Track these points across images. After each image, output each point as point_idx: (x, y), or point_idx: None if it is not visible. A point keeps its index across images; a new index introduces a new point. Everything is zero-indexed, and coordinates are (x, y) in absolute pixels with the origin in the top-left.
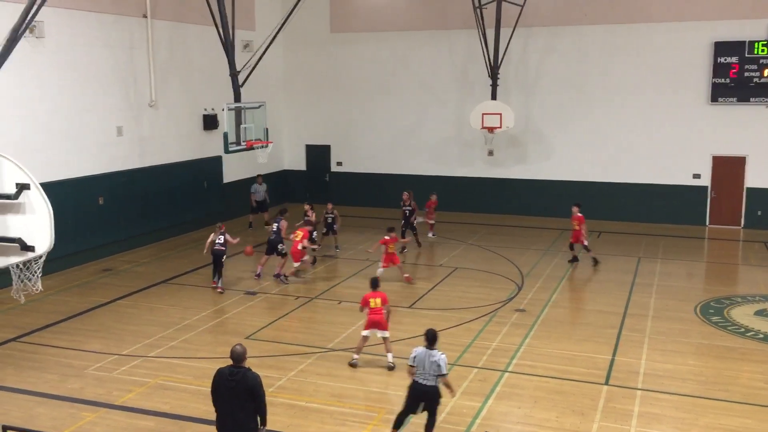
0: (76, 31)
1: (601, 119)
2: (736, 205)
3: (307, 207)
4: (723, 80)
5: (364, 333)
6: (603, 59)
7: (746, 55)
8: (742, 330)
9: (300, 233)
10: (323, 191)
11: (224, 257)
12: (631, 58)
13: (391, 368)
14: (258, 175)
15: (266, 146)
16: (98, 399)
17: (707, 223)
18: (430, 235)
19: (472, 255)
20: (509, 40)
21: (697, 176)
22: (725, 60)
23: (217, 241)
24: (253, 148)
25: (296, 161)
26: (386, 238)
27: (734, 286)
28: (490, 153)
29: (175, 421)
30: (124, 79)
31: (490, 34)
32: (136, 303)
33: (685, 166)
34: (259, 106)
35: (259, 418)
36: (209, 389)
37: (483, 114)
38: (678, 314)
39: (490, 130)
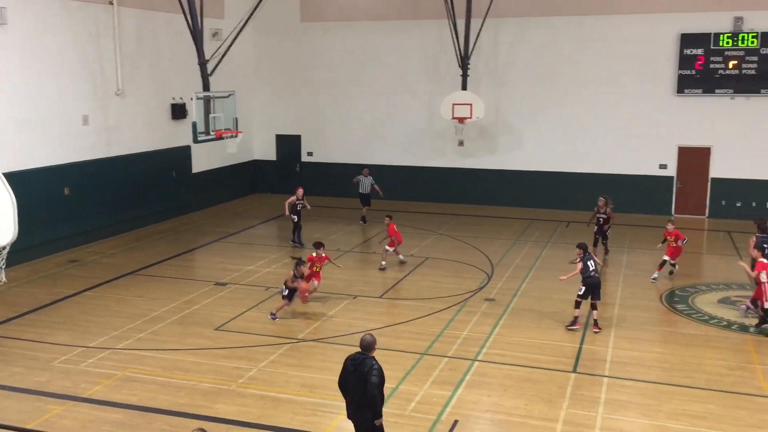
0: (41, 17)
1: (570, 110)
2: (700, 195)
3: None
4: (689, 72)
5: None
6: (572, 50)
7: (711, 47)
8: (706, 318)
9: None
10: (294, 181)
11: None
12: (600, 50)
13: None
14: (364, 167)
15: (236, 136)
16: (65, 392)
17: (673, 212)
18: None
19: (442, 245)
20: (479, 31)
21: (663, 167)
22: (691, 52)
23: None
24: (222, 138)
25: (266, 151)
26: (313, 255)
27: (699, 274)
28: (461, 143)
29: (143, 414)
30: (89, 67)
31: (461, 24)
32: (104, 294)
33: (651, 157)
34: (229, 96)
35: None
36: (178, 381)
37: (453, 104)
38: (644, 302)
39: (461, 120)
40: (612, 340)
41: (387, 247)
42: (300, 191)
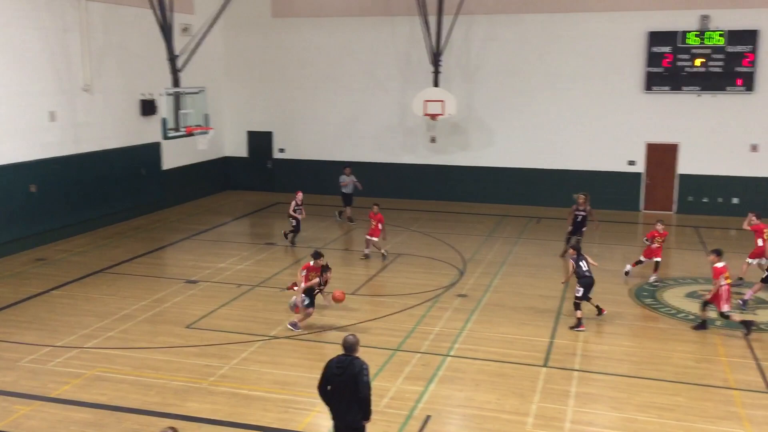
0: (6, 12)
1: (541, 107)
2: (668, 191)
3: None
4: (657, 69)
5: None
6: (543, 48)
7: (678, 45)
8: (674, 311)
9: None
10: (265, 178)
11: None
12: (570, 47)
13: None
14: (346, 166)
15: (206, 132)
16: (32, 392)
17: (641, 208)
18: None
19: (415, 241)
20: (451, 28)
21: (632, 163)
22: (659, 50)
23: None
24: (192, 135)
25: (238, 148)
26: (311, 263)
27: (666, 269)
28: (433, 140)
29: (113, 413)
30: (56, 62)
31: (433, 21)
32: (72, 293)
33: (620, 153)
34: (199, 92)
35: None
36: (149, 379)
37: (425, 101)
38: (613, 297)
39: (433, 117)
40: (582, 335)
41: (371, 237)
42: (299, 195)
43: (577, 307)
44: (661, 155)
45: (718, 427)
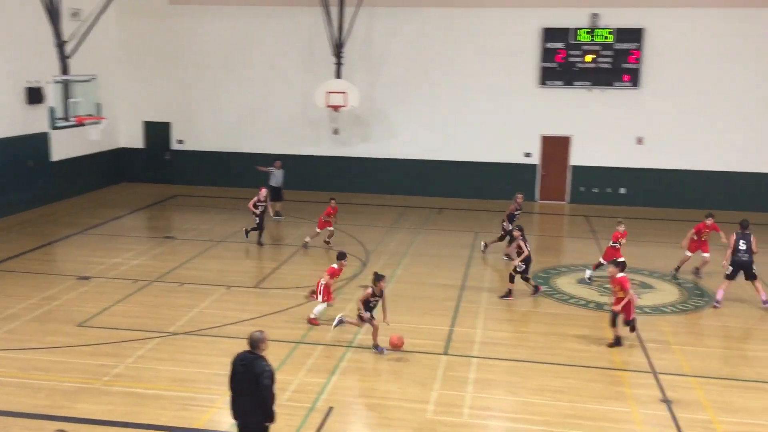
0: None
1: (441, 99)
2: (561, 182)
3: None
4: (551, 65)
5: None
6: (442, 41)
7: (570, 42)
8: (566, 297)
9: None
10: (163, 170)
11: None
12: (469, 41)
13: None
14: (276, 160)
15: (99, 122)
16: None
17: (537, 198)
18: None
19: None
20: (353, 20)
21: (528, 155)
22: (552, 45)
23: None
24: (83, 125)
25: (133, 139)
26: (334, 266)
27: (559, 256)
28: (336, 132)
29: None
30: None
31: (335, 12)
32: None
33: (517, 146)
34: (90, 80)
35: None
36: (37, 381)
37: (328, 92)
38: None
39: (335, 108)
40: (481, 322)
41: (318, 229)
42: (263, 192)
43: (511, 279)
44: (555, 147)
45: (606, 406)
